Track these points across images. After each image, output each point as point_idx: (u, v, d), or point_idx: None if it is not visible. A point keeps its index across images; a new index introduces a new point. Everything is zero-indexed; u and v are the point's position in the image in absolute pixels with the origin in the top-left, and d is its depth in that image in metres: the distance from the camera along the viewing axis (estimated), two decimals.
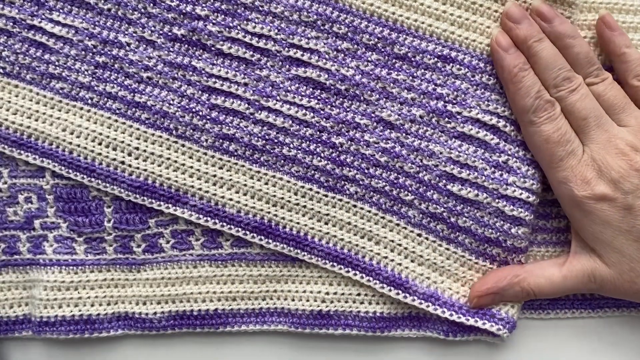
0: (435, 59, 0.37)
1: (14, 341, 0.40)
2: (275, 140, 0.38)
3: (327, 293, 0.38)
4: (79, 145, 0.38)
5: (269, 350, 0.39)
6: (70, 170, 0.38)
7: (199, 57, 0.38)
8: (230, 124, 0.38)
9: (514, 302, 0.37)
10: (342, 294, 0.38)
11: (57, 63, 0.38)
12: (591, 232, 0.35)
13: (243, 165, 0.38)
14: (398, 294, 0.37)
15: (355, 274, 0.38)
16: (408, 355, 0.39)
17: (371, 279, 0.38)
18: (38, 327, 0.38)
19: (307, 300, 0.39)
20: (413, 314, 0.38)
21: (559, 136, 0.35)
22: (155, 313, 0.39)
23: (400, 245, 0.38)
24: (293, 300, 0.39)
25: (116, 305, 0.39)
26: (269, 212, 0.38)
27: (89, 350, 0.39)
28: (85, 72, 0.38)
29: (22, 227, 0.39)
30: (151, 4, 0.38)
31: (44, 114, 0.38)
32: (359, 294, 0.38)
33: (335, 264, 0.38)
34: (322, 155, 0.38)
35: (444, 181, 0.37)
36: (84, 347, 0.39)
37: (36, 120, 0.38)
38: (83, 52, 0.38)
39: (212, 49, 0.38)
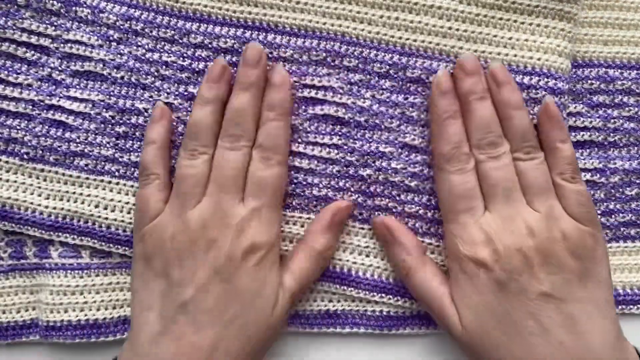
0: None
1: (22, 346, 0.40)
2: (304, 183, 0.39)
3: (335, 293, 0.39)
4: (115, 219, 0.39)
5: (275, 350, 0.40)
6: (111, 245, 0.39)
7: None
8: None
9: (389, 262, 0.38)
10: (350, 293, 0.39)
11: (78, 140, 0.39)
12: (461, 292, 0.35)
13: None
14: None
15: (405, 301, 0.39)
16: (417, 351, 0.40)
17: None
18: (45, 331, 0.39)
19: (315, 301, 0.39)
20: (422, 313, 0.39)
21: (464, 191, 0.35)
22: None
23: (443, 266, 0.38)
24: (300, 300, 0.39)
25: (122, 309, 0.39)
26: None
27: (96, 355, 0.40)
28: (108, 145, 0.39)
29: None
30: (163, 66, 0.39)
31: (73, 193, 0.39)
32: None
33: (383, 294, 0.39)
34: (352, 189, 0.39)
35: None
36: (91, 351, 0.40)
37: (68, 200, 0.39)
38: (102, 125, 0.39)
39: None
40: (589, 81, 0.40)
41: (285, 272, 0.36)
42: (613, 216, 0.40)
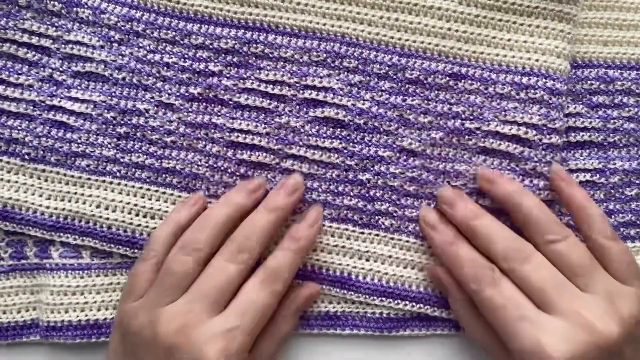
0: (447, 78, 0.38)
1: (22, 346, 0.40)
2: (304, 187, 0.39)
3: (335, 295, 0.39)
4: (116, 220, 0.39)
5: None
6: (112, 245, 0.39)
7: (219, 113, 0.39)
8: (259, 178, 0.39)
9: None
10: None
11: (79, 140, 0.39)
12: None
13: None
14: (450, 314, 0.39)
15: (405, 305, 0.39)
16: (419, 351, 0.40)
17: (422, 305, 0.39)
18: (45, 331, 0.39)
19: (315, 302, 0.40)
20: (422, 315, 0.39)
21: (505, 300, 0.33)
22: None
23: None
24: None
25: None
26: (310, 258, 0.39)
27: (96, 355, 0.40)
28: (109, 146, 0.39)
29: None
30: (165, 67, 0.39)
31: (75, 193, 0.39)
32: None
33: (383, 298, 0.39)
34: (352, 194, 0.39)
35: (475, 197, 0.38)
36: (92, 351, 0.40)
37: (69, 201, 0.39)
38: (104, 126, 0.39)
39: (230, 102, 0.39)
40: (589, 82, 0.40)
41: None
42: (613, 216, 0.40)
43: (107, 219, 0.39)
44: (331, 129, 0.39)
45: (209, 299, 0.33)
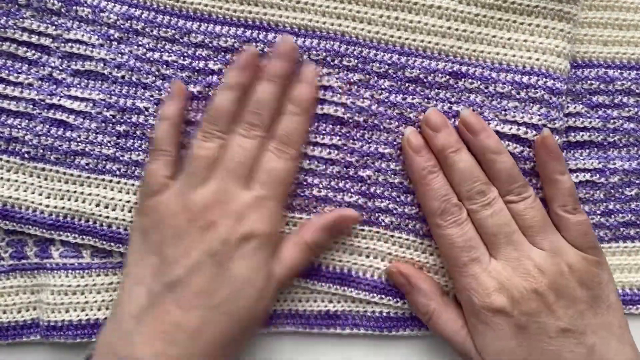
0: (447, 77, 0.39)
1: (22, 346, 0.41)
2: (305, 183, 0.39)
3: (335, 294, 0.40)
4: (116, 218, 0.40)
5: (276, 351, 0.40)
6: (112, 244, 0.40)
7: None
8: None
9: (411, 307, 0.39)
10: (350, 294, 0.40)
11: (79, 139, 0.40)
12: (482, 340, 0.36)
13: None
14: None
15: (404, 303, 0.39)
16: (419, 351, 0.41)
17: None
18: (46, 331, 0.39)
19: (315, 301, 0.40)
20: None
21: (464, 241, 0.36)
22: None
23: (443, 267, 0.39)
24: (300, 301, 0.40)
25: None
26: None
27: None
28: (109, 144, 0.40)
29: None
30: (164, 66, 0.40)
31: (75, 192, 0.40)
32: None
33: (383, 295, 0.39)
34: (352, 190, 0.39)
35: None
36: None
37: (69, 199, 0.40)
38: (103, 124, 0.40)
39: None
40: (589, 81, 0.41)
41: (274, 261, 0.36)
42: (612, 216, 0.41)
43: (107, 217, 0.40)
44: (331, 126, 0.39)
45: (237, 174, 0.36)
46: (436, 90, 0.39)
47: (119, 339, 0.33)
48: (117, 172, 0.40)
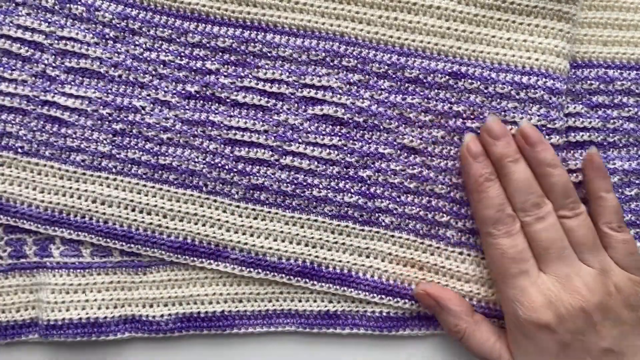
0: (447, 77, 0.39)
1: (22, 345, 0.41)
2: (304, 184, 0.40)
3: (334, 294, 0.40)
4: (112, 215, 0.40)
5: (276, 351, 0.41)
6: (109, 240, 0.40)
7: (216, 111, 0.40)
8: (257, 174, 0.40)
9: (443, 327, 0.39)
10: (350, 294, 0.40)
11: (74, 136, 0.40)
12: (522, 353, 0.36)
13: (277, 213, 0.40)
14: None
15: (404, 303, 0.40)
16: (419, 351, 0.41)
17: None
18: (45, 330, 0.39)
19: (315, 301, 0.40)
20: (421, 314, 0.40)
21: (515, 253, 0.36)
22: (162, 315, 0.40)
23: (444, 267, 0.40)
24: (300, 301, 0.40)
25: (123, 308, 0.40)
26: (310, 255, 0.40)
27: (96, 354, 0.41)
28: (104, 142, 0.40)
29: (29, 229, 0.41)
30: (161, 65, 0.40)
31: (70, 188, 0.40)
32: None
33: (383, 296, 0.40)
34: (352, 191, 0.40)
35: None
36: (91, 350, 0.41)
37: (64, 195, 0.40)
38: (99, 122, 0.40)
39: (227, 100, 0.40)
40: (589, 81, 0.41)
41: None
42: None
43: (104, 213, 0.40)
44: (330, 127, 0.40)
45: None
46: (436, 91, 0.40)
47: None
48: (114, 170, 0.40)
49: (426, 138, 0.40)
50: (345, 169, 0.40)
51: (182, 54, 0.40)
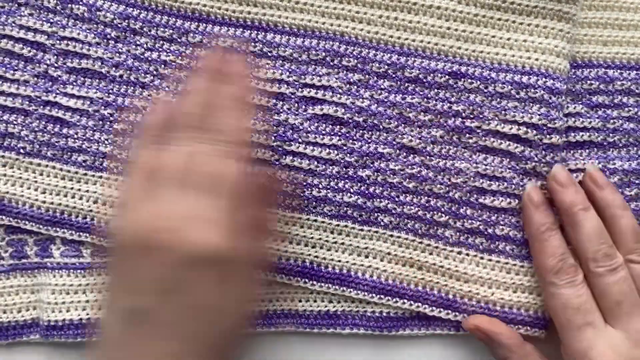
0: (447, 77, 0.40)
1: (22, 345, 0.41)
2: (304, 183, 0.40)
3: (334, 294, 0.40)
4: (114, 215, 0.40)
5: (276, 351, 0.41)
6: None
7: None
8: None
9: (493, 356, 0.39)
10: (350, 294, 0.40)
11: (76, 136, 0.41)
12: None
13: (276, 213, 0.40)
14: (448, 314, 0.40)
15: (403, 303, 0.40)
16: (418, 351, 0.41)
17: (420, 304, 0.40)
18: (46, 330, 0.40)
19: (315, 301, 0.41)
20: (421, 314, 0.40)
21: (579, 303, 0.35)
22: None
23: (442, 267, 0.40)
24: (300, 301, 0.41)
25: None
26: (309, 255, 0.40)
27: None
28: (106, 142, 0.41)
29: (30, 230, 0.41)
30: (162, 65, 0.41)
31: (71, 188, 0.41)
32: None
33: (382, 296, 0.40)
34: (351, 190, 0.40)
35: (475, 196, 0.40)
36: (92, 350, 0.40)
37: (65, 196, 0.41)
38: (101, 122, 0.41)
39: None
40: (589, 81, 0.42)
41: None
42: None
43: (105, 214, 0.40)
44: (330, 126, 0.40)
45: None
46: (436, 90, 0.40)
47: None
48: (115, 170, 0.41)
49: (425, 138, 0.40)
50: (344, 169, 0.40)
51: (183, 54, 0.41)
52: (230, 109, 0.33)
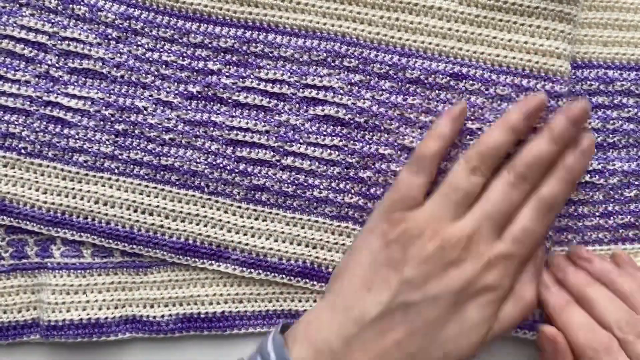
0: (448, 78, 0.40)
1: (23, 345, 0.41)
2: (305, 184, 0.40)
3: None
4: (115, 216, 0.40)
5: None
6: (111, 241, 0.40)
7: (218, 112, 0.41)
8: (258, 174, 0.40)
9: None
10: None
11: (77, 136, 0.41)
12: None
13: (277, 213, 0.41)
14: None
15: None
16: None
17: None
18: (46, 331, 0.40)
19: (315, 302, 0.41)
20: None
21: None
22: (162, 316, 0.41)
23: None
24: (300, 301, 0.41)
25: (124, 309, 0.41)
26: (310, 255, 0.40)
27: (97, 354, 0.41)
28: (107, 142, 0.41)
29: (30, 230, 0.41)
30: (163, 66, 0.41)
31: (72, 189, 0.41)
32: None
33: None
34: (352, 191, 0.40)
35: None
36: (92, 350, 0.41)
37: (66, 196, 0.41)
38: (102, 123, 0.41)
39: (229, 101, 0.41)
40: (588, 82, 0.42)
41: (496, 318, 0.36)
42: (612, 218, 0.41)
43: (106, 214, 0.41)
44: (331, 127, 0.40)
45: (494, 221, 0.36)
46: (437, 92, 0.40)
47: (336, 338, 0.34)
48: (116, 171, 0.41)
49: None
50: (345, 170, 0.40)
51: (184, 54, 0.41)
52: (566, 182, 0.37)
